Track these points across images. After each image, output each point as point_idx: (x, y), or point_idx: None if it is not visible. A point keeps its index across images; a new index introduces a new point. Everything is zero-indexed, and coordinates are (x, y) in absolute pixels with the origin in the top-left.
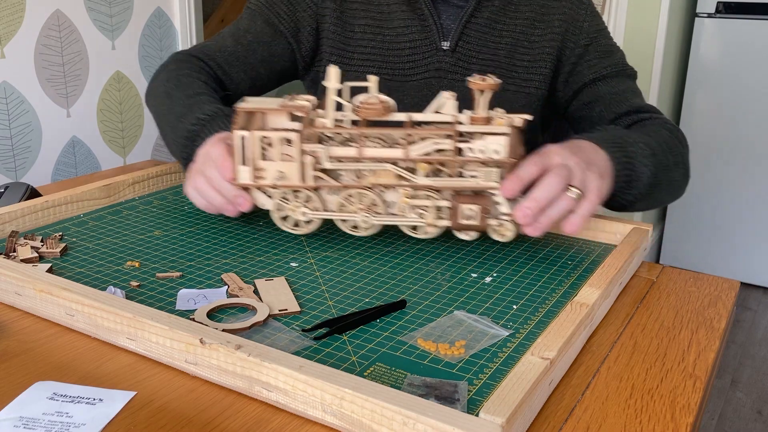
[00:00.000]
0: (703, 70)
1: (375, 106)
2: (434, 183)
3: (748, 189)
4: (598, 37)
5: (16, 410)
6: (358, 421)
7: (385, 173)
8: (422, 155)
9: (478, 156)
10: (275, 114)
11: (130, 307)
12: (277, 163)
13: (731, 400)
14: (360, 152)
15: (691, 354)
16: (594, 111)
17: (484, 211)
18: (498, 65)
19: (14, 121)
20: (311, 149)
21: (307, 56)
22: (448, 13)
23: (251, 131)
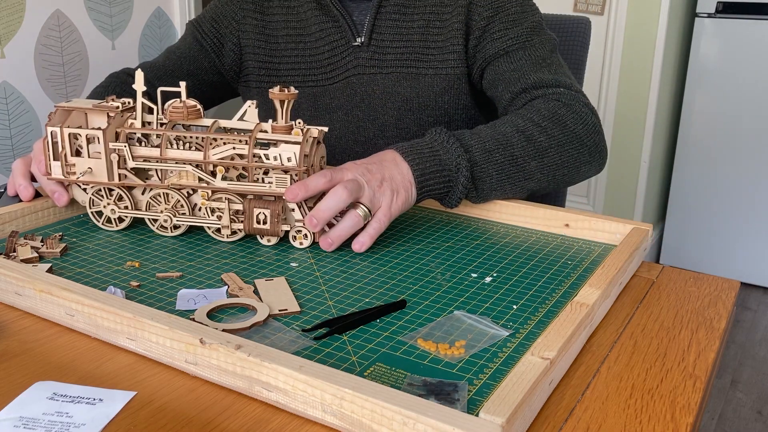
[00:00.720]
0: (703, 70)
1: (180, 109)
2: (229, 186)
3: (748, 189)
4: (506, 5)
5: (16, 410)
6: (358, 421)
7: (187, 175)
8: (220, 159)
9: (272, 163)
10: (94, 114)
11: (130, 307)
12: (86, 159)
13: (731, 400)
14: (162, 153)
15: (691, 354)
16: (497, 90)
17: (276, 215)
18: (412, 50)
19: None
20: (117, 148)
21: (231, 70)
22: (359, 9)
23: (61, 127)
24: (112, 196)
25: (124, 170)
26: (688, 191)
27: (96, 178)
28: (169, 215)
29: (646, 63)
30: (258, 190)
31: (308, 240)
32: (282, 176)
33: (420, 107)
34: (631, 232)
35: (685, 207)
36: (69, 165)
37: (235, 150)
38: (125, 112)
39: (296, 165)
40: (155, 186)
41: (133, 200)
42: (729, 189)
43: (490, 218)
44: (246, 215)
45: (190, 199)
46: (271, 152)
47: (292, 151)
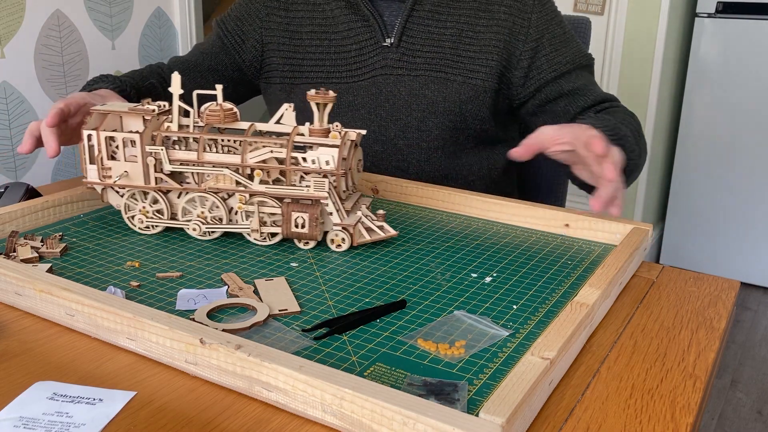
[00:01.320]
0: (703, 70)
1: (217, 112)
2: (267, 190)
3: (748, 189)
4: (550, 27)
5: (16, 410)
6: (358, 421)
7: (224, 178)
8: (258, 162)
9: (310, 166)
10: (129, 117)
11: (130, 307)
12: (122, 163)
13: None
14: (199, 156)
15: (691, 354)
16: (558, 105)
17: (314, 219)
18: (443, 56)
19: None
20: (153, 151)
21: (252, 66)
22: (390, 9)
23: (98, 131)
24: (150, 202)
25: (161, 174)
26: (688, 191)
27: (132, 181)
28: (198, 223)
29: (646, 63)
30: (296, 193)
31: (346, 243)
32: (320, 179)
33: (444, 111)
34: (631, 232)
35: (685, 207)
36: (105, 168)
37: (273, 153)
38: (161, 115)
39: (334, 168)
40: (192, 190)
41: (170, 204)
42: (729, 189)
43: (490, 218)
44: (284, 219)
45: (226, 202)
46: (309, 155)
47: (330, 154)
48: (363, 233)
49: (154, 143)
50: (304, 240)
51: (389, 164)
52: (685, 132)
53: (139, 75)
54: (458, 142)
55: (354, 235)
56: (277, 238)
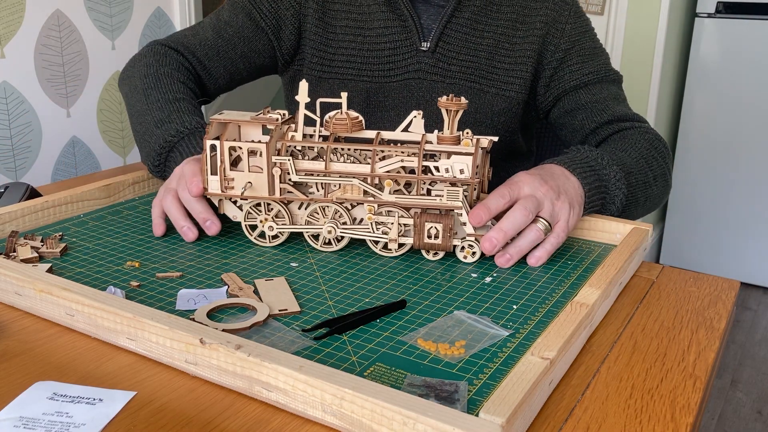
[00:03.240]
0: (703, 70)
1: (344, 121)
2: (398, 200)
3: (747, 189)
4: (581, 39)
5: (16, 410)
6: (358, 421)
7: (351, 188)
8: (388, 172)
9: (443, 175)
10: (248, 126)
11: (130, 307)
12: (246, 174)
13: (731, 400)
14: (327, 166)
15: (691, 354)
16: (576, 119)
17: (448, 230)
18: (478, 66)
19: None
20: (280, 161)
21: (287, 54)
22: (428, 13)
23: (221, 141)
24: (270, 211)
25: (286, 184)
26: (688, 191)
27: (256, 192)
28: (332, 226)
29: (646, 63)
30: (429, 203)
31: (476, 255)
32: (453, 189)
33: (475, 122)
34: (631, 232)
35: (685, 207)
36: (227, 179)
37: (402, 162)
38: (284, 124)
39: (469, 177)
40: (317, 200)
41: (290, 215)
42: (729, 189)
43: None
44: (417, 230)
45: (350, 213)
46: (442, 164)
47: (464, 162)
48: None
49: (278, 153)
50: (434, 251)
51: None
52: (685, 132)
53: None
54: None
55: None
56: (404, 249)
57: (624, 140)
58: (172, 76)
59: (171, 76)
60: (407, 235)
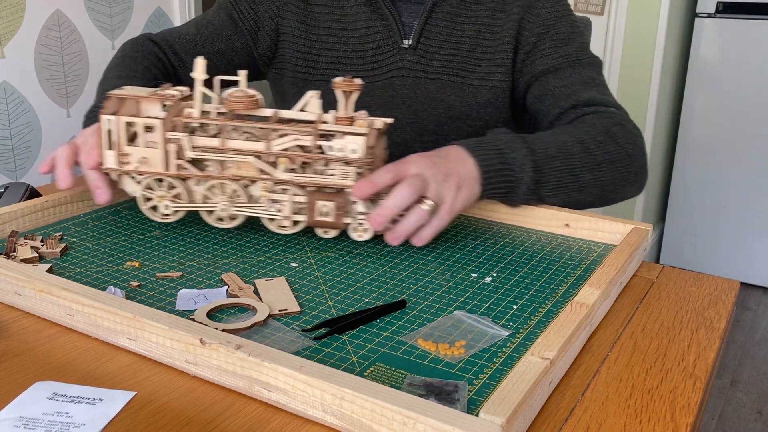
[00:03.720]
0: (703, 70)
1: (241, 99)
2: (292, 178)
3: (748, 189)
4: (557, 24)
5: (16, 410)
6: (358, 421)
7: (247, 166)
8: (283, 150)
9: (336, 154)
10: (147, 102)
11: (130, 307)
12: (141, 149)
13: (731, 400)
14: (223, 143)
15: (691, 354)
16: (544, 105)
17: (340, 208)
18: (460, 59)
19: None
20: (175, 137)
21: (264, 55)
22: (409, 10)
23: (117, 116)
24: (171, 189)
25: (182, 160)
26: (688, 191)
27: (151, 168)
28: (227, 204)
29: (646, 63)
30: (321, 182)
31: (368, 233)
32: (346, 168)
33: (461, 116)
34: (631, 232)
35: (685, 207)
36: (123, 154)
37: (298, 141)
38: (181, 101)
39: (361, 156)
40: (213, 177)
41: (187, 191)
42: (729, 189)
43: (490, 218)
44: (309, 207)
45: (246, 190)
46: (336, 144)
47: (357, 142)
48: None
49: (174, 129)
50: (327, 228)
51: None
52: (685, 132)
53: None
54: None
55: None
56: (299, 227)
57: (574, 124)
58: (136, 59)
59: (135, 59)
60: (302, 213)
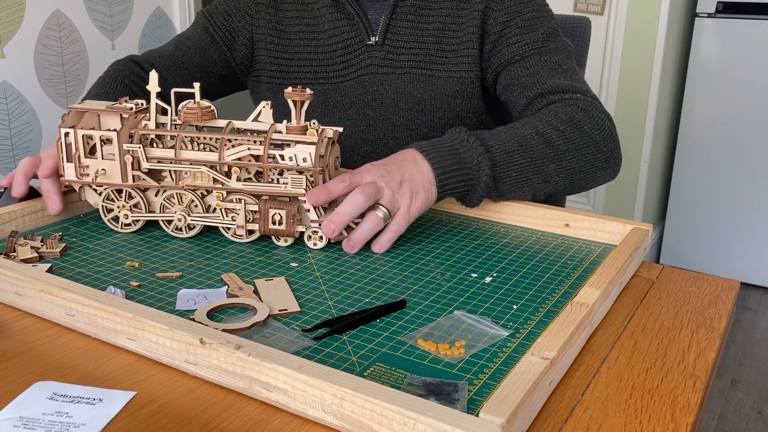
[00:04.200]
0: (703, 70)
1: (195, 110)
2: (245, 187)
3: (748, 189)
4: (522, 11)
5: (16, 410)
6: (358, 421)
7: (202, 176)
8: (235, 160)
9: (287, 163)
10: (107, 115)
11: (130, 307)
12: (99, 161)
13: (731, 400)
14: (177, 154)
15: (691, 354)
16: (513, 95)
17: (292, 216)
18: (427, 53)
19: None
20: (131, 149)
21: (242, 65)
22: (374, 8)
23: (75, 129)
24: (126, 198)
25: (138, 171)
26: (688, 191)
27: (109, 179)
28: (183, 214)
29: (646, 63)
30: (273, 190)
31: (323, 241)
32: (297, 177)
33: (432, 109)
34: (631, 232)
35: (685, 207)
36: (82, 167)
37: (250, 151)
38: (139, 113)
39: (311, 165)
40: (169, 187)
41: (147, 202)
42: (729, 189)
43: (490, 218)
44: (261, 216)
45: (204, 200)
46: (287, 153)
47: (307, 151)
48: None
49: (131, 141)
50: (281, 237)
51: None
52: (685, 132)
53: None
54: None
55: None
56: (254, 236)
57: (537, 116)
58: (117, 78)
59: (116, 78)
60: (256, 222)
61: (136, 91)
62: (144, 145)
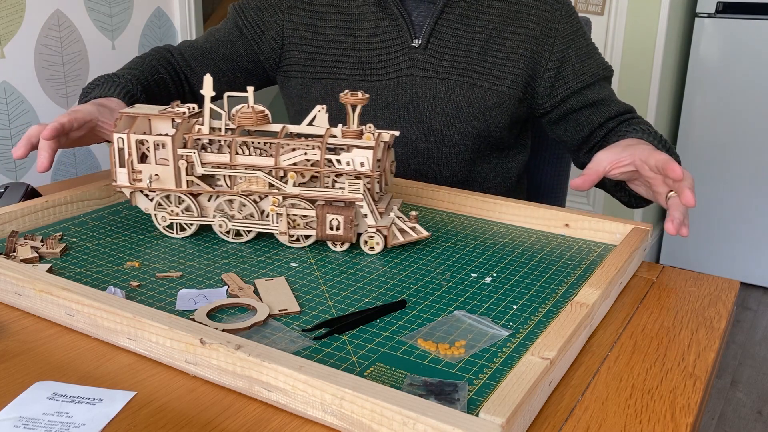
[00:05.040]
0: (703, 70)
1: (249, 115)
2: (301, 192)
3: (748, 189)
4: (575, 38)
5: (16, 410)
6: (358, 421)
7: (257, 181)
8: (291, 165)
9: (344, 168)
10: (158, 119)
11: (130, 307)
12: (153, 166)
13: (731, 400)
14: (232, 159)
15: (691, 354)
16: (582, 115)
17: (349, 221)
18: (470, 61)
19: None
20: (185, 154)
21: (270, 59)
22: (419, 10)
23: (128, 134)
24: (179, 203)
25: (192, 177)
26: None
27: (163, 185)
28: (224, 220)
29: (646, 63)
30: (330, 195)
31: (380, 246)
32: (354, 182)
33: (468, 117)
34: (631, 232)
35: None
36: (135, 172)
37: (306, 156)
38: (191, 118)
39: (369, 170)
40: (223, 192)
41: (199, 207)
42: (729, 189)
43: (490, 218)
44: (318, 221)
45: (258, 205)
46: (343, 157)
47: (364, 156)
48: (397, 235)
49: (185, 146)
50: (338, 242)
51: (408, 167)
52: (685, 132)
53: (147, 67)
54: (479, 149)
55: (388, 237)
56: (310, 240)
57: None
58: (146, 57)
59: (145, 58)
60: (311, 227)
61: (163, 72)
62: (198, 149)
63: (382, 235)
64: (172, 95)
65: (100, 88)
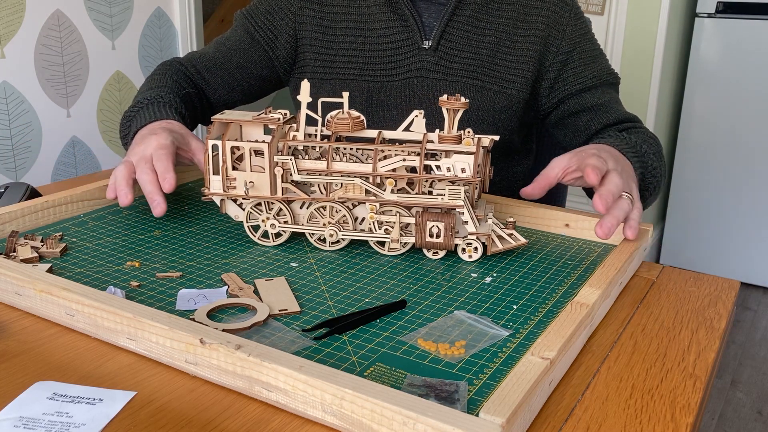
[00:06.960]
0: (703, 70)
1: (345, 120)
2: (400, 199)
3: (747, 189)
4: (582, 42)
5: (16, 410)
6: (358, 421)
7: (353, 187)
8: (390, 171)
9: (445, 174)
10: (250, 126)
11: (130, 307)
12: (247, 173)
13: (731, 400)
14: (329, 166)
15: (691, 354)
16: (580, 120)
17: (449, 229)
18: (480, 64)
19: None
20: (282, 161)
21: (285, 63)
22: (429, 11)
23: (223, 141)
24: (271, 210)
25: (288, 184)
26: (688, 191)
27: (257, 192)
28: (334, 230)
29: (646, 63)
30: (431, 202)
31: (478, 253)
32: (455, 188)
33: (477, 120)
34: None
35: (685, 207)
36: (230, 179)
37: (405, 162)
38: (285, 124)
39: (470, 176)
40: (317, 199)
41: (292, 214)
42: (729, 189)
43: None
44: (419, 228)
45: (352, 212)
46: (443, 163)
47: (465, 161)
48: (496, 242)
49: (280, 153)
50: (436, 249)
51: None
52: (685, 132)
53: (174, 84)
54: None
55: (488, 244)
56: (406, 248)
57: (631, 134)
58: (165, 74)
59: (165, 75)
60: (408, 234)
61: (185, 86)
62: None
63: (480, 242)
64: (197, 109)
65: (147, 111)
